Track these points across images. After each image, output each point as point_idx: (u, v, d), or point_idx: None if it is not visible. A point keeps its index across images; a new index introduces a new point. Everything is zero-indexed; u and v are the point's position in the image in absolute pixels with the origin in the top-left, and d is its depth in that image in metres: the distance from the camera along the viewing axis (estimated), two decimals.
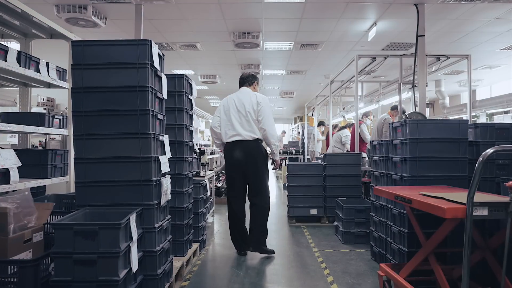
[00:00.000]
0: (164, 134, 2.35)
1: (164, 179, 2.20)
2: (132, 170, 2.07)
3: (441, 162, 2.60)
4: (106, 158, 2.07)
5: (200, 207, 3.45)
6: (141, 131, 2.07)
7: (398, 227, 2.69)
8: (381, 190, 2.33)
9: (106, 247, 1.64)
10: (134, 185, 2.06)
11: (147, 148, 2.07)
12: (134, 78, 2.08)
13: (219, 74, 9.74)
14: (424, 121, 2.63)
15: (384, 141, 3.01)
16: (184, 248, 2.92)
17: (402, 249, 2.61)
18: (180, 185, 2.92)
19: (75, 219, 1.83)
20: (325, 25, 5.89)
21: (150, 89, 2.10)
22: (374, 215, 3.21)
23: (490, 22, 5.64)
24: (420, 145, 2.59)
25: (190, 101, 3.14)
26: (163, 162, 2.20)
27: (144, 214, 2.05)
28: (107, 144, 2.08)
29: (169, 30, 6.20)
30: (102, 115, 2.08)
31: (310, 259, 3.31)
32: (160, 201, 2.14)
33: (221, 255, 3.50)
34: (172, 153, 2.87)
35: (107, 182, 2.07)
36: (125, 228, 1.74)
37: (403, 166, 2.66)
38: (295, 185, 4.79)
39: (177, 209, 2.90)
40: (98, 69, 2.09)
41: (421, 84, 4.95)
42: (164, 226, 2.23)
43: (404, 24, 5.81)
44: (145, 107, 2.07)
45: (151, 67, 2.11)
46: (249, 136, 3.38)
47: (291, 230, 4.46)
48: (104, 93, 2.08)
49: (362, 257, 3.33)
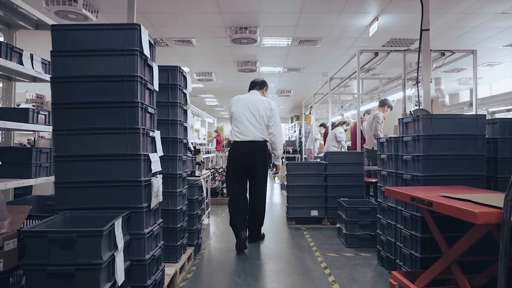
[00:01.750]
0: (156, 130, 2.13)
1: (155, 179, 1.97)
2: (118, 169, 1.85)
3: (456, 160, 2.40)
4: (89, 156, 1.85)
5: (195, 208, 3.23)
6: (129, 126, 1.84)
7: (410, 230, 2.49)
8: (394, 191, 2.13)
9: (86, 258, 1.42)
10: (121, 186, 1.84)
11: (136, 145, 1.85)
12: (121, 66, 1.85)
13: (215, 71, 9.51)
14: (439, 116, 2.43)
15: (393, 138, 2.81)
16: (177, 254, 2.70)
17: (414, 255, 2.42)
18: (174, 186, 2.70)
19: (53, 224, 1.60)
20: (325, 19, 5.69)
21: (139, 79, 1.88)
22: (382, 218, 3.01)
23: (495, 16, 5.47)
24: (434, 142, 2.39)
25: (184, 95, 2.92)
26: (153, 160, 1.98)
27: (132, 219, 1.83)
28: (91, 140, 1.85)
29: (164, 24, 5.97)
30: (85, 108, 1.85)
31: (312, 264, 3.10)
32: (151, 203, 1.92)
33: (217, 260, 3.28)
34: (165, 151, 2.65)
35: (90, 182, 1.84)
36: (109, 236, 1.51)
37: (415, 164, 2.46)
38: (295, 185, 4.58)
39: (170, 211, 2.68)
40: (81, 57, 1.86)
41: (425, 80, 4.75)
42: (155, 232, 2.01)
43: (406, 19, 5.63)
44: (133, 99, 1.85)
45: (140, 54, 1.89)
46: (259, 138, 3.61)
47: (291, 232, 4.25)
48: (87, 83, 1.85)
49: (368, 262, 3.13)
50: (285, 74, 9.67)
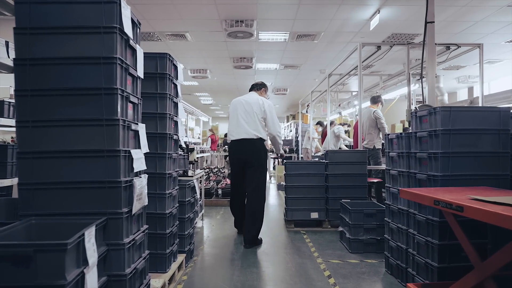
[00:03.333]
0: (140, 123, 1.85)
1: (138, 179, 1.70)
2: (94, 168, 1.57)
3: (477, 158, 2.15)
4: (59, 152, 1.57)
5: (186, 211, 2.95)
6: (106, 117, 1.57)
7: (425, 236, 2.24)
8: (411, 192, 1.87)
9: (46, 278, 1.14)
10: (96, 188, 1.56)
11: (115, 139, 1.57)
12: (98, 46, 1.58)
13: (210, 68, 9.22)
14: (459, 109, 2.18)
15: (405, 134, 2.56)
16: (166, 263, 2.43)
17: (431, 264, 2.17)
18: (162, 187, 2.42)
19: (10, 234, 1.32)
20: (325, 12, 5.44)
21: (119, 62, 1.60)
22: (391, 221, 2.76)
23: (501, 10, 5.27)
24: (453, 137, 2.14)
25: (175, 87, 2.64)
26: (136, 157, 1.70)
27: (110, 226, 1.55)
28: (61, 134, 1.57)
29: (156, 17, 5.67)
30: (55, 95, 1.57)
31: (315, 272, 2.84)
32: (132, 208, 1.64)
33: (211, 267, 3.00)
34: (153, 148, 2.38)
35: (60, 183, 1.56)
36: (76, 249, 1.24)
37: (432, 163, 2.21)
38: (294, 185, 4.32)
39: (158, 215, 2.40)
40: (50, 35, 1.58)
41: (430, 75, 4.50)
42: (138, 240, 1.73)
43: (408, 12, 5.41)
44: (111, 85, 1.57)
45: (120, 32, 1.61)
46: (254, 135, 3.65)
47: (290, 236, 3.99)
48: (57, 66, 1.57)
49: (375, 270, 2.87)
50: (282, 71, 9.42)
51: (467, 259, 2.01)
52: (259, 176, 3.68)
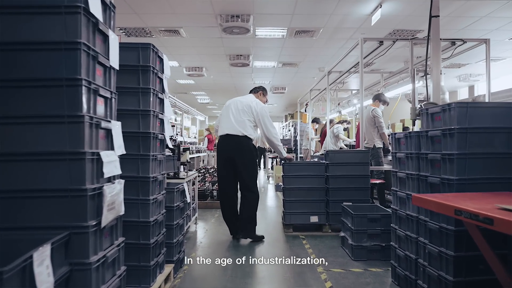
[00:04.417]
0: (114, 120, 1.60)
1: (108, 186, 1.45)
2: (54, 174, 1.32)
3: (497, 160, 1.92)
4: (12, 155, 1.32)
5: (175, 218, 2.71)
6: (68, 113, 1.32)
7: (438, 247, 2.01)
8: (426, 199, 1.64)
9: None
10: (57, 197, 1.32)
11: (79, 139, 1.33)
12: (59, 29, 1.33)
13: (205, 66, 8.97)
14: (476, 105, 1.96)
15: (414, 133, 2.32)
16: (151, 276, 2.18)
17: (445, 278, 1.93)
18: (146, 192, 2.18)
19: None
20: (324, 7, 5.20)
21: (85, 48, 1.36)
22: (398, 228, 2.52)
23: (507, 4, 5.05)
24: (471, 136, 1.91)
25: (160, 81, 2.40)
26: (107, 160, 1.46)
27: (73, 242, 1.31)
28: (15, 133, 1.33)
29: (148, 11, 5.42)
30: (6, 87, 1.33)
31: (315, 283, 2.60)
32: (101, 219, 1.40)
33: (202, 278, 2.76)
34: (135, 149, 2.14)
35: (14, 192, 1.31)
36: (21, 276, 0.99)
37: (446, 165, 1.97)
38: (292, 187, 4.08)
39: (141, 224, 2.16)
40: (1, 15, 1.33)
41: (435, 72, 4.27)
42: (110, 257, 1.49)
43: (411, 7, 5.18)
44: (74, 75, 1.33)
45: (86, 13, 1.37)
46: (239, 132, 3.65)
47: (288, 242, 3.75)
48: (9, 52, 1.33)
49: (380, 280, 2.64)
50: (280, 69, 9.18)
51: (485, 272, 1.79)
52: (248, 170, 3.69)
